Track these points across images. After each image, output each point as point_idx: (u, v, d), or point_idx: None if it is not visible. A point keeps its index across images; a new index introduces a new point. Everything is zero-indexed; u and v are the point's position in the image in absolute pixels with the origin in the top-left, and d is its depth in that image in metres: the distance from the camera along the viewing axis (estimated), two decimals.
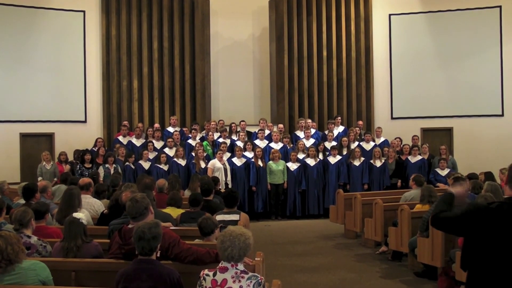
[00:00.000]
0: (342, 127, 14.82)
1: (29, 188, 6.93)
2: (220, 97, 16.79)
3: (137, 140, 13.67)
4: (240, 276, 3.69)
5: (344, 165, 13.07)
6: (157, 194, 8.10)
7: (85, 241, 4.87)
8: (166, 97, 15.55)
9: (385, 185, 12.89)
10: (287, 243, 10.14)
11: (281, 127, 14.36)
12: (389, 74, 16.46)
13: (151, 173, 11.92)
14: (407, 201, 8.95)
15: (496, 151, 15.02)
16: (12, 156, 14.30)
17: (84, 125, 15.20)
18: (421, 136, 15.60)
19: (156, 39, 15.51)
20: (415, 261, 7.76)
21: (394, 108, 16.44)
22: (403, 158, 13.28)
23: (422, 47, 16.20)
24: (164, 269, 3.94)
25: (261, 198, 12.80)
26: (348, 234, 10.70)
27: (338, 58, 16.15)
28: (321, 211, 13.03)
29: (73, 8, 15.09)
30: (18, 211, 5.07)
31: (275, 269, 7.95)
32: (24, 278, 3.95)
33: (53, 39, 14.87)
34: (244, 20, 16.95)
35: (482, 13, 15.83)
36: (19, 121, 14.40)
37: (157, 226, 4.03)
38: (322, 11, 16.08)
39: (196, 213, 6.59)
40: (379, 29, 16.43)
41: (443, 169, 12.48)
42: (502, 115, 15.76)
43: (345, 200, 10.87)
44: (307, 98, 16.01)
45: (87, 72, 15.26)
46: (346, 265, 8.48)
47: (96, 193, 8.06)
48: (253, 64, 17.12)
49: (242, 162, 12.73)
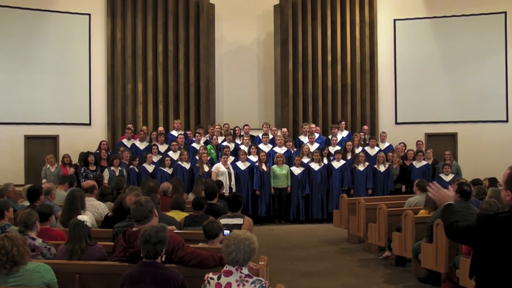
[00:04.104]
0: (346, 132, 14.81)
1: (34, 190, 6.93)
2: (225, 101, 16.81)
3: (141, 143, 13.69)
4: (245, 280, 3.70)
5: (348, 170, 13.06)
6: (161, 197, 8.10)
7: (90, 243, 4.88)
8: (170, 101, 15.58)
9: (389, 190, 12.87)
10: (291, 248, 10.13)
11: (284, 131, 14.36)
12: (394, 79, 16.45)
13: (155, 176, 11.92)
14: (411, 206, 8.94)
15: (501, 157, 14.95)
16: (16, 158, 14.32)
17: (88, 127, 15.23)
18: (425, 141, 15.59)
19: (161, 43, 15.55)
20: (419, 266, 7.73)
21: (399, 113, 16.43)
22: (407, 164, 13.26)
23: (427, 52, 16.19)
24: (169, 272, 3.95)
25: (264, 202, 12.79)
26: (352, 239, 10.68)
27: (343, 63, 16.15)
28: (325, 215, 13.00)
29: (79, 11, 15.14)
30: (23, 213, 5.08)
31: (278, 273, 7.94)
32: (28, 280, 3.95)
33: (58, 41, 14.92)
34: (249, 24, 16.97)
35: (487, 19, 15.82)
36: (23, 123, 14.44)
37: (164, 230, 4.05)
38: (327, 15, 16.10)
39: (199, 217, 6.60)
40: (384, 34, 16.43)
41: (447, 175, 12.44)
42: (506, 121, 15.73)
43: (349, 205, 10.86)
44: (312, 103, 16.01)
45: (92, 75, 15.30)
46: (350, 270, 8.46)
47: (100, 196, 8.08)
48: (257, 68, 17.13)
49: (246, 166, 12.73)
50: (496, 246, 3.14)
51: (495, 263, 3.16)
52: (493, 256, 3.16)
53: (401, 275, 8.10)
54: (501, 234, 3.13)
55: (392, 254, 8.78)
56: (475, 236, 3.25)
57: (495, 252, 3.16)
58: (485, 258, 3.21)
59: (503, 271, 3.13)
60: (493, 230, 3.16)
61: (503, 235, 3.13)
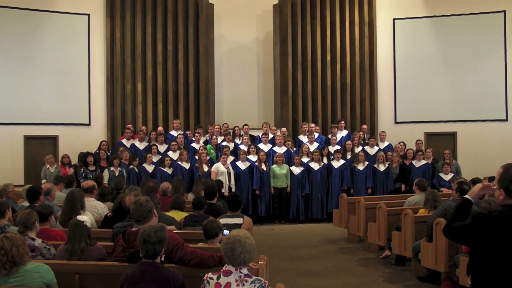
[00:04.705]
0: (346, 131, 14.80)
1: (34, 191, 6.92)
2: (224, 100, 16.81)
3: (140, 143, 13.69)
4: (244, 279, 3.69)
5: (347, 170, 13.06)
6: (161, 197, 8.10)
7: (89, 243, 4.87)
8: (170, 100, 15.58)
9: (389, 189, 12.87)
10: (291, 247, 10.13)
11: (284, 131, 14.36)
12: (393, 78, 16.46)
13: (155, 176, 11.92)
14: (410, 205, 8.94)
15: (500, 156, 14.89)
16: (16, 159, 14.32)
17: (88, 128, 15.23)
18: (425, 140, 15.59)
19: (160, 42, 15.55)
20: (419, 265, 7.74)
21: (398, 113, 16.43)
22: (407, 163, 13.26)
23: (426, 51, 16.19)
24: (168, 272, 3.95)
25: (264, 202, 12.79)
26: (352, 238, 10.68)
27: (342, 62, 16.15)
28: (325, 215, 13.00)
29: (78, 11, 15.14)
30: (23, 213, 5.08)
31: (278, 273, 7.94)
32: (28, 280, 3.95)
33: (57, 42, 14.91)
34: (248, 23, 16.98)
35: (487, 18, 15.83)
36: (23, 123, 14.44)
37: (163, 230, 4.05)
38: (326, 15, 16.10)
39: (199, 217, 6.60)
40: (383, 34, 16.44)
41: (447, 174, 12.45)
42: (506, 119, 15.75)
43: (348, 204, 10.86)
44: (311, 102, 16.01)
45: (91, 75, 15.30)
46: (350, 269, 8.46)
47: (100, 196, 8.08)
48: (257, 67, 17.14)
49: (246, 166, 12.73)
50: (490, 244, 3.18)
51: (489, 261, 3.19)
52: (488, 254, 3.20)
53: (401, 274, 8.10)
54: (495, 232, 3.17)
55: (392, 253, 8.78)
56: (470, 235, 3.27)
57: (489, 250, 3.19)
58: (480, 257, 3.24)
59: (497, 269, 3.17)
60: (487, 229, 3.19)
61: (497, 234, 3.16)
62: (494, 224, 3.19)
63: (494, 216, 3.24)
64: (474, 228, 3.23)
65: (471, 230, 3.25)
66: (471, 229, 3.25)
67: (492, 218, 3.22)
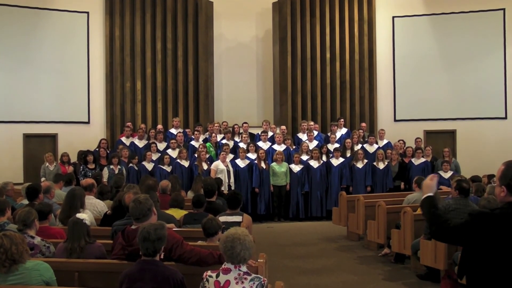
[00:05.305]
0: (345, 129, 14.81)
1: (33, 189, 6.93)
2: (223, 98, 16.80)
3: (140, 141, 13.69)
4: (243, 277, 3.70)
5: (347, 168, 13.07)
6: (160, 195, 8.11)
7: (89, 242, 4.87)
8: (169, 99, 15.57)
9: (388, 187, 12.88)
10: (290, 245, 10.14)
11: (283, 129, 14.36)
12: (393, 76, 16.45)
13: (154, 175, 11.93)
14: (410, 203, 8.94)
15: (499, 154, 14.87)
16: (15, 157, 14.32)
17: (87, 126, 15.22)
18: (424, 138, 15.58)
19: (159, 40, 15.53)
20: (418, 263, 7.75)
21: (397, 111, 16.43)
22: (406, 161, 13.26)
23: (426, 49, 16.18)
24: (168, 270, 3.95)
25: (264, 200, 12.80)
26: (351, 236, 10.69)
27: (342, 60, 16.15)
28: (324, 213, 13.01)
29: (77, 9, 15.12)
30: (22, 211, 5.08)
31: (278, 271, 7.94)
32: (27, 279, 3.95)
33: (57, 40, 14.90)
34: (247, 22, 16.96)
35: (486, 16, 15.82)
36: (22, 121, 14.43)
37: (162, 227, 4.05)
38: (326, 13, 16.09)
39: (199, 215, 6.60)
40: (382, 32, 16.43)
41: (446, 172, 12.45)
42: (505, 117, 15.74)
43: (348, 202, 10.87)
44: (310, 100, 16.01)
45: (91, 73, 15.29)
46: (349, 267, 8.47)
47: (99, 194, 8.09)
48: (256, 66, 17.13)
49: (245, 164, 12.73)
50: (491, 244, 3.08)
51: (489, 261, 3.10)
52: (487, 254, 3.10)
53: (400, 272, 8.11)
54: (496, 231, 3.07)
55: (391, 251, 8.78)
56: (468, 234, 3.16)
57: (489, 250, 3.09)
58: (478, 257, 3.14)
59: (498, 269, 3.07)
60: (488, 227, 3.09)
61: (499, 232, 3.07)
62: (497, 222, 3.09)
63: (496, 214, 3.13)
64: (474, 226, 3.13)
65: (471, 229, 3.14)
66: (471, 228, 3.14)
67: (494, 216, 3.12)
